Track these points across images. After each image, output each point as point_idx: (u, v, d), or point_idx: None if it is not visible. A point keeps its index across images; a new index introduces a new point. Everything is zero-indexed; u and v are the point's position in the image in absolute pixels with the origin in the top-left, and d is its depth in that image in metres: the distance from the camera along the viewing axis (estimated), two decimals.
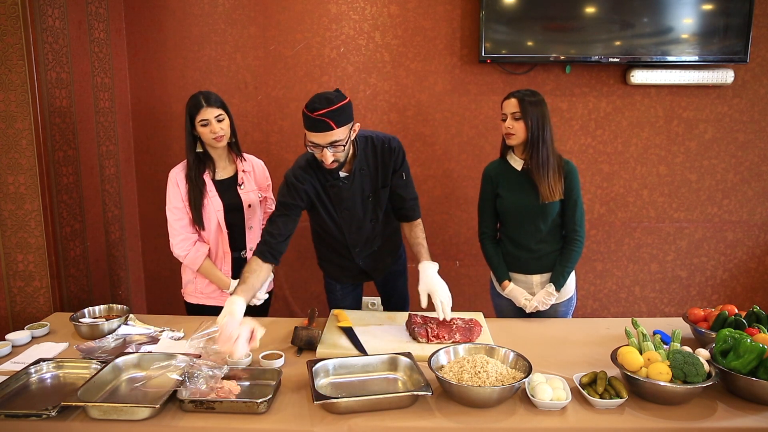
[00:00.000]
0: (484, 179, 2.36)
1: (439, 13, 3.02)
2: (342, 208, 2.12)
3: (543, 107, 2.17)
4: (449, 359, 1.74)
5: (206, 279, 2.30)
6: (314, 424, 1.49)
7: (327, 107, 1.84)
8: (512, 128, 2.18)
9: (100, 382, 1.63)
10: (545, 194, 2.18)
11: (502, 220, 2.36)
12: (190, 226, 2.25)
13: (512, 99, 2.18)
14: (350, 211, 2.14)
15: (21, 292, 2.46)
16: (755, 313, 1.91)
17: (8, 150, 2.35)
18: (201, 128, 2.17)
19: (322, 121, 1.84)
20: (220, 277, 2.28)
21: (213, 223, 2.24)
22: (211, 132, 2.17)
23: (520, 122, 2.16)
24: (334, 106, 1.85)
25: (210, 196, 2.23)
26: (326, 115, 1.84)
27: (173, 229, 2.25)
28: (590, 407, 1.57)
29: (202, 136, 2.20)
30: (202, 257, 2.25)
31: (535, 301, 2.26)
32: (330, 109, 1.84)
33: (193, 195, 2.20)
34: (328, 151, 1.89)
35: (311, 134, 1.88)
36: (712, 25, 2.91)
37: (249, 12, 3.03)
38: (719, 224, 3.25)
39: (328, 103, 1.85)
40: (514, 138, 2.19)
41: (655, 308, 3.35)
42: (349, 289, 2.44)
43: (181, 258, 2.27)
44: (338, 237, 2.20)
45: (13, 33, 2.27)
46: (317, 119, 1.84)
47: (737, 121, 3.14)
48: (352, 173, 2.08)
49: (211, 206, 2.23)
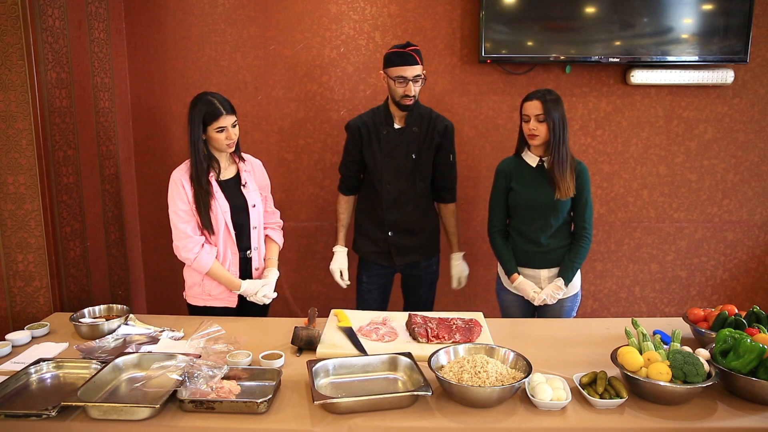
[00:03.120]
0: (498, 175, 2.42)
1: (439, 13, 3.02)
2: (385, 153, 2.44)
3: (561, 106, 2.24)
4: (449, 359, 1.74)
5: (214, 281, 2.28)
6: (314, 424, 1.49)
7: (414, 45, 2.33)
8: (536, 130, 2.23)
9: (100, 382, 1.63)
10: (562, 191, 2.25)
11: (513, 215, 2.40)
12: (198, 229, 2.21)
13: (535, 101, 2.22)
14: (393, 159, 2.44)
15: (21, 292, 2.46)
16: (755, 313, 1.91)
17: (8, 150, 2.35)
18: (216, 134, 2.15)
19: (411, 55, 2.28)
20: (230, 279, 2.25)
21: (221, 224, 2.21)
22: (227, 139, 2.16)
23: (544, 124, 2.21)
24: (416, 46, 2.33)
25: (217, 197, 2.21)
26: (415, 50, 2.31)
27: (180, 233, 2.20)
28: (590, 407, 1.57)
29: (214, 142, 2.17)
30: (212, 260, 2.22)
31: (543, 294, 2.29)
32: (415, 47, 2.32)
33: (201, 197, 2.17)
34: (413, 84, 2.29)
35: (401, 68, 2.28)
36: (712, 25, 2.91)
37: (249, 12, 3.03)
38: (719, 224, 3.25)
39: (411, 44, 2.33)
40: (538, 139, 2.25)
41: (655, 308, 3.35)
42: (374, 280, 2.60)
43: (189, 262, 2.21)
44: (377, 188, 2.48)
45: (13, 33, 2.27)
46: (408, 53, 2.28)
47: (737, 121, 3.14)
48: (405, 127, 2.44)
49: (218, 207, 2.21)
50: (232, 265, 2.28)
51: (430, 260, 2.60)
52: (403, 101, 2.34)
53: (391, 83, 2.34)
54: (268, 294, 2.28)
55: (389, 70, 2.34)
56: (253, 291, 2.26)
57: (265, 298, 2.28)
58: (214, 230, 2.21)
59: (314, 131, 3.13)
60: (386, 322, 2.12)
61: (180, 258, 2.24)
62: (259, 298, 2.27)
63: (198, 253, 2.20)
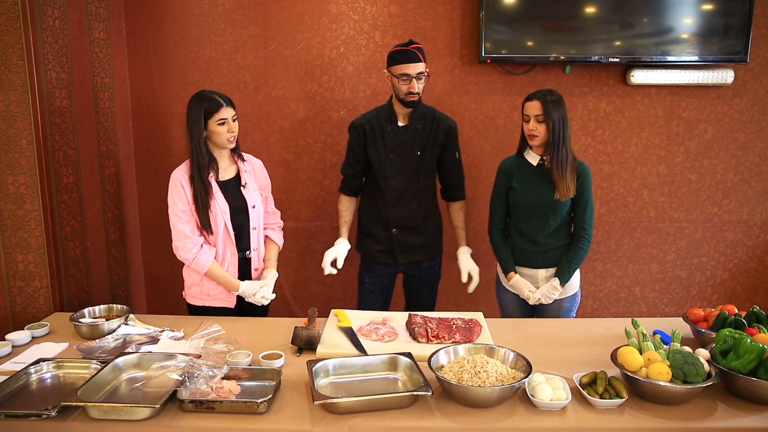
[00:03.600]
0: (499, 173, 2.43)
1: (439, 13, 3.02)
2: (389, 150, 2.46)
3: (562, 106, 2.23)
4: (449, 359, 1.74)
5: (213, 281, 2.28)
6: (314, 424, 1.49)
7: (416, 43, 2.36)
8: (536, 130, 2.24)
9: (100, 382, 1.63)
10: (561, 191, 2.25)
11: (513, 213, 2.41)
12: (197, 229, 2.22)
13: (535, 101, 2.23)
14: (397, 156, 2.46)
15: (21, 292, 2.46)
16: (755, 313, 1.92)
17: (8, 150, 2.35)
18: (218, 127, 2.15)
19: (414, 53, 2.31)
20: (228, 279, 2.25)
21: (220, 225, 2.21)
22: (229, 131, 2.17)
23: (543, 124, 2.22)
24: (419, 44, 2.37)
25: (216, 198, 2.21)
26: (418, 48, 2.34)
27: (179, 233, 2.20)
28: (590, 407, 1.57)
29: (216, 136, 2.18)
30: (210, 261, 2.22)
31: (538, 293, 2.28)
32: (418, 45, 2.35)
33: (200, 197, 2.17)
34: (416, 81, 2.32)
35: (404, 66, 2.31)
36: (712, 25, 2.91)
37: (249, 12, 3.03)
38: (719, 224, 3.25)
39: (414, 42, 2.36)
40: (537, 139, 2.26)
41: (655, 308, 3.35)
42: (377, 280, 2.59)
43: (188, 262, 2.22)
44: (381, 186, 2.48)
45: (13, 33, 2.27)
46: (412, 51, 2.31)
47: (737, 121, 3.14)
48: (408, 124, 2.46)
49: (218, 208, 2.21)
50: (231, 265, 2.27)
51: (432, 261, 2.60)
52: (408, 98, 2.37)
53: (395, 81, 2.36)
54: (267, 295, 2.28)
55: (393, 68, 2.36)
56: (251, 292, 2.26)
57: (264, 300, 2.28)
58: (213, 231, 2.21)
59: (314, 131, 3.13)
60: (386, 322, 2.13)
61: (179, 258, 2.24)
62: (257, 299, 2.27)
63: (197, 254, 2.20)
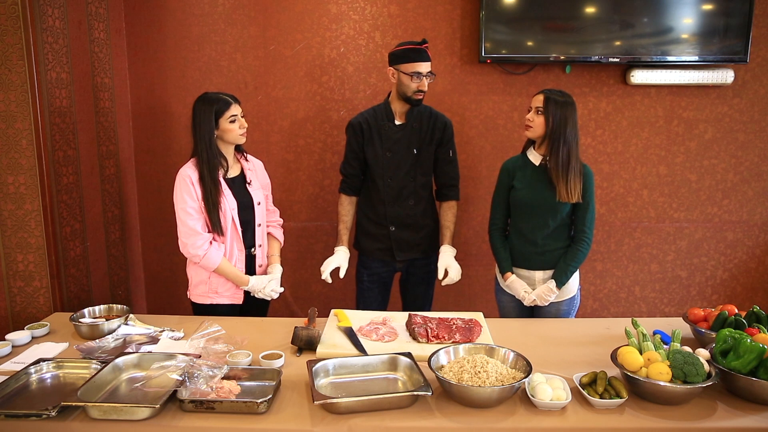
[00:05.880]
0: (502, 173, 2.43)
1: (439, 13, 3.02)
2: (387, 148, 2.47)
3: (569, 109, 2.21)
4: (449, 359, 1.74)
5: (222, 278, 2.29)
6: (314, 424, 1.49)
7: (427, 42, 2.40)
8: (532, 121, 2.25)
9: (100, 382, 1.63)
10: (562, 194, 2.23)
11: (513, 213, 2.40)
12: (206, 225, 2.23)
13: (540, 94, 2.25)
14: (394, 153, 2.48)
15: (21, 292, 2.46)
16: (755, 313, 1.91)
17: (8, 150, 2.35)
18: (230, 125, 2.19)
19: (425, 52, 2.36)
20: (237, 275, 2.27)
21: (229, 221, 2.24)
22: (241, 126, 2.22)
23: (541, 117, 2.22)
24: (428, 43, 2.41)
25: (225, 194, 2.24)
26: (428, 48, 2.39)
27: (189, 230, 2.19)
28: (590, 407, 1.57)
29: (228, 134, 2.21)
30: (220, 257, 2.23)
31: (533, 295, 2.27)
32: (427, 45, 2.39)
33: (212, 194, 2.19)
34: (426, 79, 2.36)
35: (417, 64, 2.33)
36: (712, 25, 2.91)
37: (249, 12, 3.03)
38: (719, 224, 3.25)
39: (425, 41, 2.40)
40: (532, 131, 2.26)
41: (655, 308, 3.35)
42: (375, 278, 2.59)
43: (198, 259, 2.21)
44: (378, 184, 2.50)
45: (13, 33, 2.27)
46: (423, 50, 2.36)
47: (737, 121, 3.14)
48: (405, 123, 2.48)
49: (227, 205, 2.23)
50: (238, 261, 2.30)
51: (428, 259, 2.61)
52: (416, 96, 2.39)
53: (405, 78, 2.36)
54: (276, 288, 2.32)
55: (404, 66, 2.35)
56: (260, 286, 2.29)
57: (274, 293, 2.31)
58: (223, 227, 2.23)
59: (314, 131, 3.14)
60: (386, 322, 2.13)
61: (187, 255, 2.25)
62: (267, 293, 2.30)
63: (207, 250, 2.21)
